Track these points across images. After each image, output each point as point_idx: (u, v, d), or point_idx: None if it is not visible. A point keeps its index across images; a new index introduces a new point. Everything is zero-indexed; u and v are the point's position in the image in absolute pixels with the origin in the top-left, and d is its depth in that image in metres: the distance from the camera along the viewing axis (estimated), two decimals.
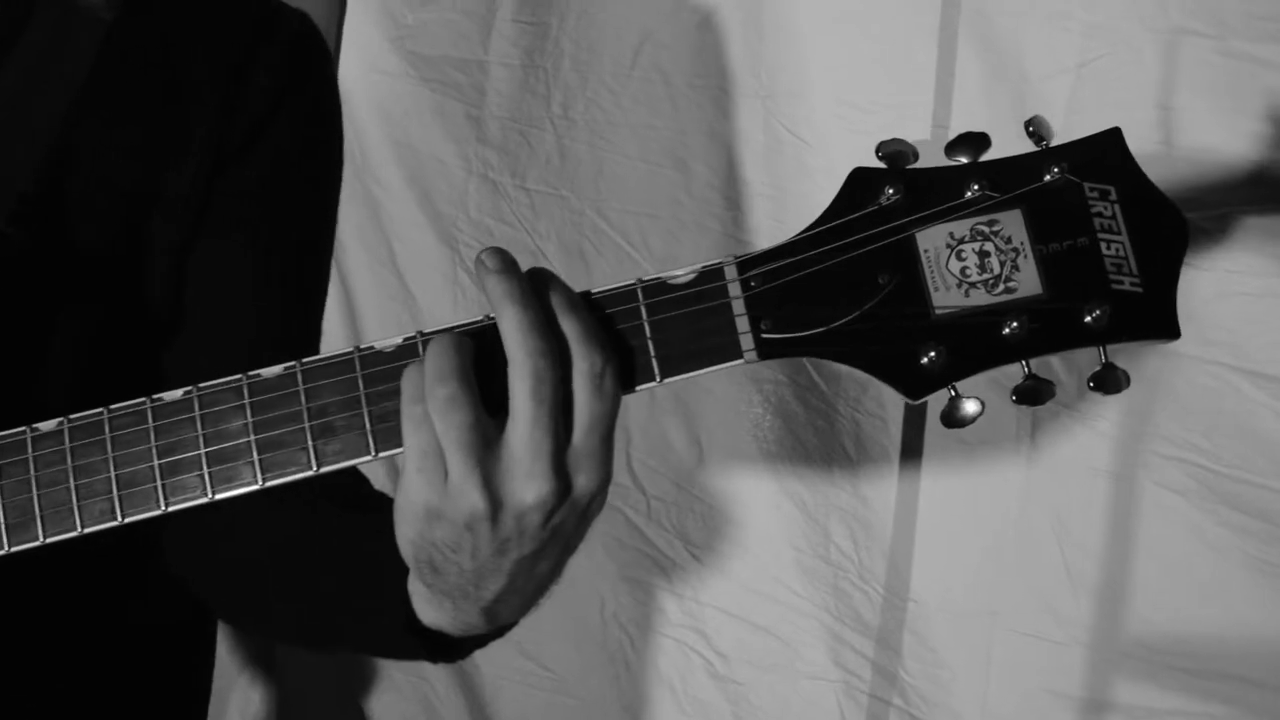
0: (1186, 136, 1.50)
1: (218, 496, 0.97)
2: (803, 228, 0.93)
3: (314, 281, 1.31)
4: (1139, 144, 0.97)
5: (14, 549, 1.01)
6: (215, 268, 1.23)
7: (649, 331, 0.92)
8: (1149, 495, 1.61)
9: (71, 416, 1.00)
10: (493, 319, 0.91)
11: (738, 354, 0.92)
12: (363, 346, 0.94)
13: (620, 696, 2.09)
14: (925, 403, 1.73)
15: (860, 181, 0.92)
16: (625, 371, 0.92)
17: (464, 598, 0.95)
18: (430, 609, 0.98)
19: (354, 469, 1.04)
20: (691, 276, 0.93)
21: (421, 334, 0.93)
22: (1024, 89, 1.61)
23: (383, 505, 1.05)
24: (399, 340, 0.94)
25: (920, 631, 1.79)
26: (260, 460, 0.96)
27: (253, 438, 0.96)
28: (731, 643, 1.97)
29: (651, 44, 1.93)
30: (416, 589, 0.98)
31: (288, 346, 1.01)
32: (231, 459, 0.96)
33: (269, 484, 0.96)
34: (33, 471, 1.01)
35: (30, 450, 1.01)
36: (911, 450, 1.76)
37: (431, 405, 0.88)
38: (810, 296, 0.91)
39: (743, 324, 0.92)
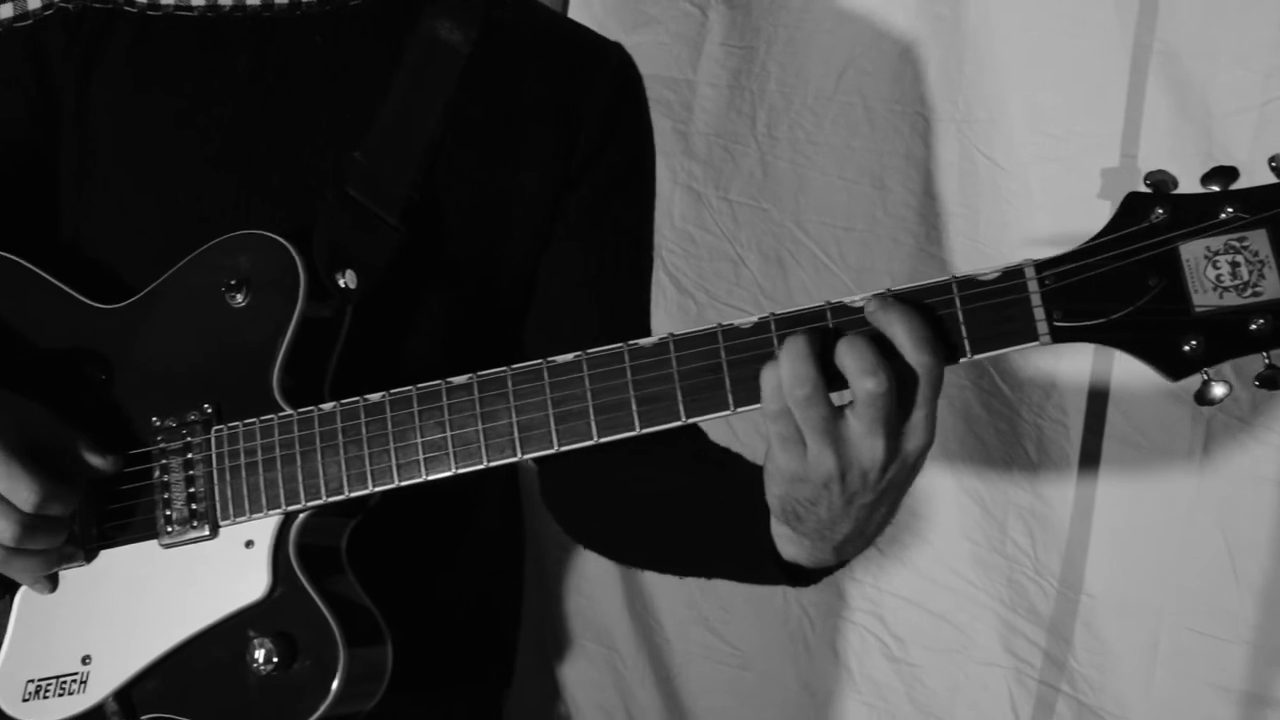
0: None
1: (602, 440, 1.19)
2: (1088, 238, 1.11)
3: (644, 274, 1.54)
4: None
5: (430, 477, 1.23)
6: (563, 267, 1.47)
7: (962, 318, 1.12)
8: None
9: (479, 373, 1.22)
10: (831, 304, 1.13)
11: (1035, 337, 1.12)
12: (724, 324, 1.15)
13: (799, 674, 2.17)
14: (1105, 415, 1.84)
15: (1134, 203, 1.11)
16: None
17: (820, 539, 1.18)
18: (791, 546, 1.21)
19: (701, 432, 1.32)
20: (997, 275, 1.12)
21: (774, 315, 1.14)
22: (1209, 125, 1.69)
23: (735, 460, 1.32)
24: (754, 319, 1.15)
25: (1092, 623, 1.85)
26: (639, 411, 1.17)
27: (633, 394, 1.17)
28: (907, 627, 2.05)
29: (854, 70, 2.02)
30: (780, 531, 1.21)
31: (623, 334, 1.22)
32: (615, 410, 1.18)
33: (644, 431, 1.17)
34: (446, 416, 1.22)
35: (445, 399, 1.22)
36: (1090, 455, 1.84)
37: (791, 402, 1.09)
38: (1094, 293, 1.10)
39: (1039, 313, 1.11)
